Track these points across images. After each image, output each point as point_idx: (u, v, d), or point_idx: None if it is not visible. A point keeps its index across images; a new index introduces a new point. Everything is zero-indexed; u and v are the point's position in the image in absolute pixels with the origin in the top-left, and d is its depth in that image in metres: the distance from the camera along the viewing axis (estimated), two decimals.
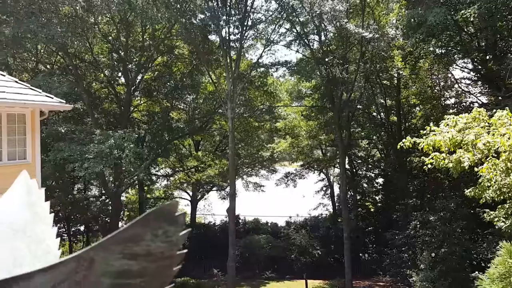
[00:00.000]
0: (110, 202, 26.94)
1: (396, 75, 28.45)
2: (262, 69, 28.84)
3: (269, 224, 34.21)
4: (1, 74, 12.52)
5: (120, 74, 28.33)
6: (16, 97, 11.38)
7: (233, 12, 24.92)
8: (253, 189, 36.01)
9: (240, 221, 33.00)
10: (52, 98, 12.77)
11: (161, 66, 29.02)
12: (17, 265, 1.81)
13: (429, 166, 10.11)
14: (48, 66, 26.09)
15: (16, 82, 12.61)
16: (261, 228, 33.11)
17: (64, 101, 13.31)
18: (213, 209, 36.09)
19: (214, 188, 34.31)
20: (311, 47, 27.69)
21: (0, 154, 11.55)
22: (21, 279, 1.61)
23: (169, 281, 1.80)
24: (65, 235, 32.32)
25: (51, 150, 20.04)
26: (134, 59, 26.70)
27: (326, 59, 26.21)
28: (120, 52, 26.08)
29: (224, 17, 24.33)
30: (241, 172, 33.85)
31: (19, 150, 12.03)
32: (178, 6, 22.37)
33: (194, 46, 25.86)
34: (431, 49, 21.90)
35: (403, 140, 10.34)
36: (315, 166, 34.87)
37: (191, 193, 33.62)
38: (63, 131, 22.10)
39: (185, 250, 1.53)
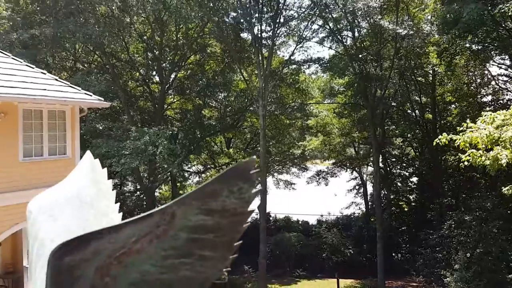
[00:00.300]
0: (144, 197, 27.59)
1: (431, 71, 27.87)
2: (294, 66, 28.81)
3: (300, 222, 34.05)
4: (42, 73, 13.05)
5: (154, 72, 28.93)
6: (57, 95, 11.85)
7: (265, 9, 25.01)
8: (284, 187, 35.98)
9: (270, 218, 33.07)
10: (91, 95, 13.21)
11: (193, 65, 29.44)
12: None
13: (466, 163, 9.90)
14: (85, 65, 26.92)
15: (56, 80, 13.12)
16: (292, 226, 33.02)
17: (102, 99, 13.74)
18: None
19: None
20: (344, 43, 27.45)
21: (42, 149, 12.06)
22: (112, 230, 1.78)
23: (238, 237, 1.93)
24: None
25: (89, 146, 20.71)
26: (168, 58, 27.19)
27: (360, 56, 25.91)
28: (155, 51, 26.62)
29: (256, 15, 24.45)
30: (272, 170, 33.91)
31: (59, 145, 12.52)
32: (211, 4, 22.64)
33: (226, 44, 26.09)
34: (467, 45, 21.36)
35: (439, 137, 10.17)
36: (348, 164, 34.52)
37: None
38: (101, 128, 22.80)
39: (255, 208, 1.68)
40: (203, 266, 2.05)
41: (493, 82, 27.75)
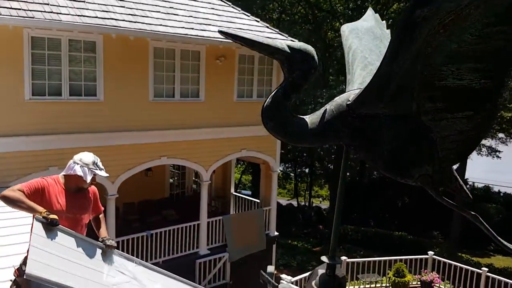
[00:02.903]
0: (334, 147, 28.19)
1: None
2: None
3: (501, 194, 30.68)
4: (256, 20, 14.08)
5: None
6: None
7: None
8: (486, 154, 32.36)
9: (468, 186, 30.45)
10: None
11: (396, 14, 27.87)
12: (381, 56, 2.52)
13: None
14: (290, 16, 28.01)
15: (267, 27, 14.02)
16: (492, 197, 29.98)
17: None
18: None
19: None
20: None
21: (251, 92, 13.26)
22: None
23: None
24: (292, 174, 35.54)
25: None
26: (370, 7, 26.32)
27: None
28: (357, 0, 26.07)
29: None
30: None
31: (266, 89, 13.56)
32: None
33: None
34: None
35: None
36: None
37: None
38: None
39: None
40: None
41: None
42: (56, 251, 3.23)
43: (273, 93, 2.51)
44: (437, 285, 11.18)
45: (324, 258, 2.52)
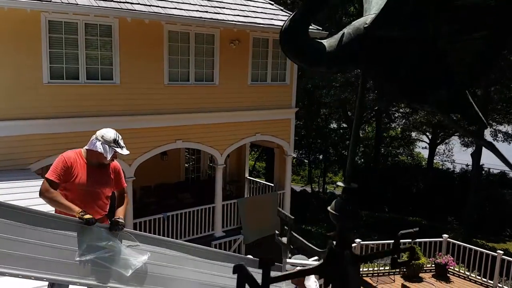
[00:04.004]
0: (348, 133, 28.11)
1: None
2: None
3: None
4: (270, 3, 14.02)
5: None
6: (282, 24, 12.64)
7: None
8: (502, 140, 31.99)
9: (483, 172, 30.12)
10: (311, 25, 13.68)
11: None
12: None
13: None
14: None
15: (282, 10, 13.96)
16: (508, 183, 29.64)
17: (321, 28, 14.12)
18: (454, 155, 33.84)
19: (456, 133, 31.81)
20: None
21: (266, 75, 13.25)
22: None
23: None
24: (306, 160, 35.54)
25: (303, 77, 21.80)
26: None
27: None
28: None
29: None
30: (490, 119, 30.24)
31: (280, 73, 13.55)
32: None
33: None
34: None
35: None
36: None
37: (430, 136, 32.11)
38: None
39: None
40: None
41: None
42: (19, 236, 2.99)
43: (291, 16, 2.51)
44: (452, 267, 11.18)
45: (339, 183, 2.54)
